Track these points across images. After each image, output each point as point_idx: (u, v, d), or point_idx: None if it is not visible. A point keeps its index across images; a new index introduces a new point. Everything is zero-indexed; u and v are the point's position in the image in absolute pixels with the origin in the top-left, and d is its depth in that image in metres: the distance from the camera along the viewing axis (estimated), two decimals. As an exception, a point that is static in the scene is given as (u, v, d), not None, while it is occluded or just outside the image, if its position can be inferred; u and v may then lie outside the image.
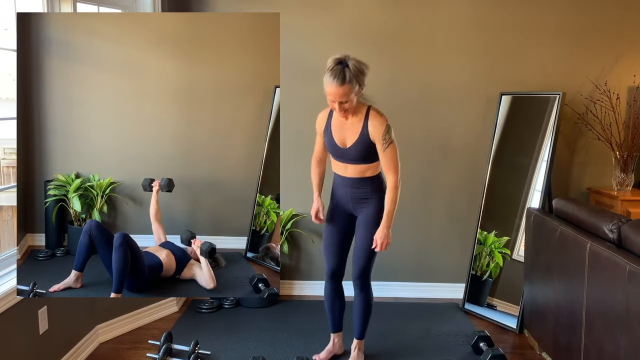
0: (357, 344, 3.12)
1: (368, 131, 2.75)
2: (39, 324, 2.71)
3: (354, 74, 2.61)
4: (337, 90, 2.62)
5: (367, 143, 2.77)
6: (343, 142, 2.83)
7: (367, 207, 2.90)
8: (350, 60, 2.63)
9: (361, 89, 2.69)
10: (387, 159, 2.77)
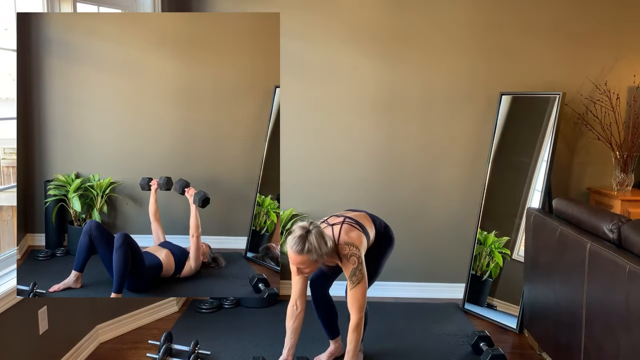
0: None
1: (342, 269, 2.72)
2: (39, 324, 2.71)
3: (313, 247, 2.52)
4: (295, 257, 2.57)
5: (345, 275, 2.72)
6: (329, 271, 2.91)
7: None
8: (313, 232, 2.54)
9: (326, 257, 2.59)
10: (353, 298, 2.65)
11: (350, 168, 4.06)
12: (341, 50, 3.97)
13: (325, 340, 3.25)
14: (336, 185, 4.07)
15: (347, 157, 4.05)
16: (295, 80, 3.99)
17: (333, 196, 4.06)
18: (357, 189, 4.04)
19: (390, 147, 4.03)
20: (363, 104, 4.01)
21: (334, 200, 4.04)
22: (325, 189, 4.08)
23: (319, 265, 2.66)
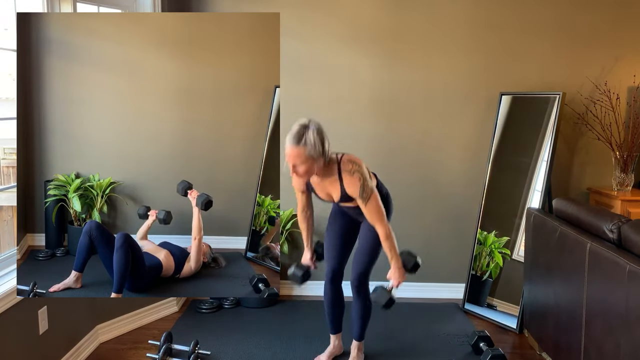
0: (357, 345, 3.11)
1: (345, 189, 2.68)
2: (39, 324, 2.71)
3: (312, 139, 2.52)
4: (291, 150, 2.54)
5: (349, 196, 2.71)
6: (330, 197, 2.79)
7: None
8: (312, 126, 2.55)
9: (322, 159, 2.59)
10: (371, 213, 2.68)
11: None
12: (341, 50, 3.97)
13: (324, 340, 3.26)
14: (336, 185, 4.06)
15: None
16: (295, 80, 3.99)
17: (333, 196, 4.06)
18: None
19: (390, 147, 4.03)
20: (363, 103, 4.01)
21: (334, 200, 4.04)
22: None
23: (314, 171, 2.60)
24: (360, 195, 2.64)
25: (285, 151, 2.57)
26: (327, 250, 3.04)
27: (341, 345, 3.22)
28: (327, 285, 3.07)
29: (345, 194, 2.69)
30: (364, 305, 3.01)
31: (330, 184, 2.72)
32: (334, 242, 3.01)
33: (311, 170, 2.60)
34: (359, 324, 3.05)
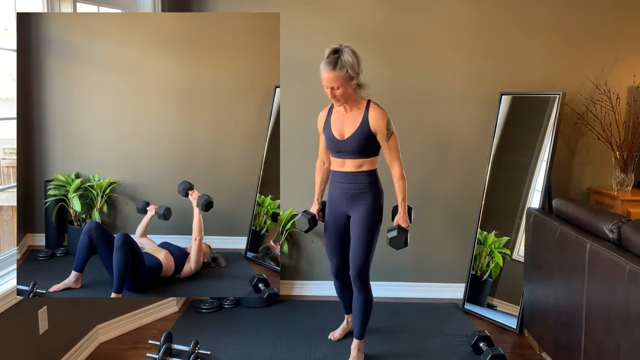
0: (357, 344, 3.13)
1: (368, 122, 2.84)
2: (39, 324, 2.71)
3: (345, 62, 2.73)
4: (328, 75, 2.76)
5: (366, 133, 2.85)
6: (342, 134, 2.91)
7: (361, 206, 2.95)
8: (344, 49, 2.76)
9: (355, 79, 2.79)
10: (391, 149, 2.90)
11: (350, 168, 4.06)
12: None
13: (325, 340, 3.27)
14: (336, 185, 4.06)
15: (347, 157, 4.05)
16: (295, 80, 3.99)
17: (333, 196, 4.06)
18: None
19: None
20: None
21: (334, 200, 4.04)
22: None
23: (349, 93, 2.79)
24: (386, 127, 2.84)
25: (321, 77, 2.79)
26: (328, 250, 3.16)
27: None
28: (334, 280, 3.23)
29: (362, 129, 2.84)
30: (365, 300, 3.04)
31: (351, 117, 2.89)
32: (331, 243, 3.12)
33: (346, 93, 2.79)
34: (359, 320, 3.08)
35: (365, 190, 2.94)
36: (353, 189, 2.95)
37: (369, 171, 2.95)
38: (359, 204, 2.95)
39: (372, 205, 2.95)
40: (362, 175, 2.93)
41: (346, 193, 2.97)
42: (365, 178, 2.93)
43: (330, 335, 3.36)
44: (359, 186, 2.94)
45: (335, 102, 2.88)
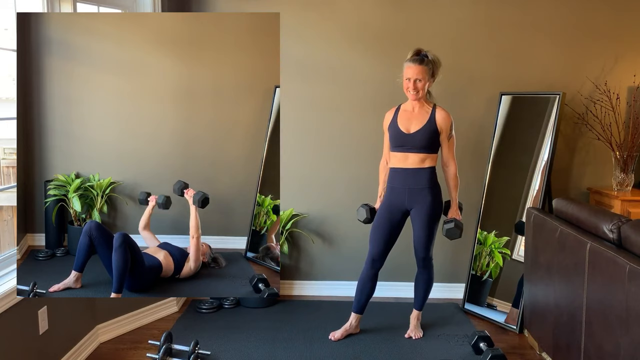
0: (417, 314, 3.46)
1: (435, 120, 3.13)
2: (39, 324, 2.71)
3: (431, 59, 3.10)
4: (416, 68, 3.07)
5: (432, 130, 3.12)
6: (408, 129, 3.14)
7: (422, 202, 3.16)
8: (428, 52, 3.12)
9: (433, 78, 3.13)
10: (451, 148, 3.20)
11: (350, 167, 4.06)
12: (341, 50, 3.97)
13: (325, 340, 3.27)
14: (336, 184, 4.06)
15: (347, 157, 4.05)
16: (295, 80, 3.99)
17: (333, 196, 4.06)
18: (357, 189, 4.04)
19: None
20: (363, 103, 4.01)
21: (334, 199, 4.04)
22: (325, 189, 4.08)
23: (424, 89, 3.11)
24: (450, 128, 3.15)
25: (405, 72, 3.11)
26: (373, 235, 3.28)
27: (358, 326, 3.42)
28: (365, 268, 3.33)
29: (429, 125, 3.11)
30: (429, 277, 3.38)
31: (419, 114, 3.16)
32: (380, 230, 3.25)
33: (425, 87, 3.11)
34: (422, 295, 3.42)
35: (427, 186, 3.14)
36: (416, 184, 3.14)
37: (430, 168, 3.15)
38: (420, 199, 3.15)
39: (434, 202, 3.16)
40: (424, 172, 3.14)
41: (409, 189, 3.16)
42: (427, 175, 3.14)
43: (331, 335, 3.36)
44: (421, 182, 3.14)
45: (413, 95, 3.11)
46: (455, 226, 3.20)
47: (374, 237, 3.27)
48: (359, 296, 3.36)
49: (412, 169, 3.14)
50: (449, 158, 3.21)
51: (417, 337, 3.40)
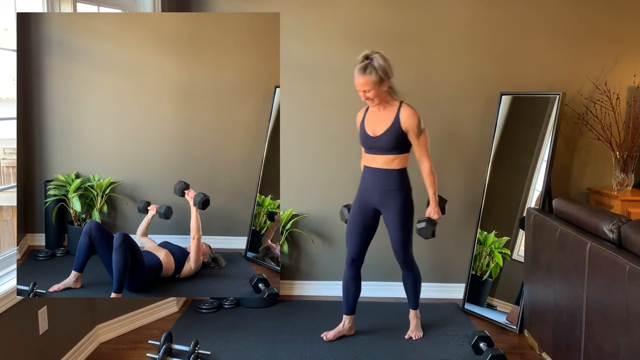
0: (414, 313, 3.42)
1: (399, 121, 3.02)
2: (39, 324, 2.71)
3: (374, 67, 2.92)
4: (359, 79, 2.96)
5: (397, 131, 3.02)
6: (374, 132, 3.07)
7: (392, 204, 3.10)
8: (374, 56, 2.94)
9: (386, 81, 2.97)
10: (421, 145, 3.07)
11: (350, 167, 4.05)
12: (341, 50, 3.97)
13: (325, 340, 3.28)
14: (336, 184, 4.06)
15: (347, 157, 4.05)
16: (295, 80, 3.99)
17: (333, 196, 4.05)
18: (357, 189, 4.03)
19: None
20: (363, 103, 4.00)
21: (334, 200, 4.04)
22: (325, 189, 4.08)
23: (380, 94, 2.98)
24: (417, 126, 3.01)
25: (355, 82, 2.98)
26: (348, 235, 3.27)
27: (352, 327, 3.40)
28: (346, 269, 3.31)
29: (394, 127, 3.01)
30: (414, 277, 3.32)
31: (385, 115, 3.06)
32: (354, 229, 3.23)
33: (379, 94, 2.98)
34: (412, 294, 3.37)
35: (396, 188, 3.09)
36: (386, 186, 3.10)
37: (399, 170, 3.10)
38: (390, 201, 3.10)
39: (404, 203, 3.11)
40: (393, 174, 3.08)
41: (379, 189, 3.11)
42: (395, 176, 3.08)
43: (323, 334, 3.35)
44: (391, 183, 3.09)
45: (369, 104, 3.06)
46: (427, 225, 3.14)
47: (349, 237, 3.25)
48: (345, 297, 3.34)
49: (381, 170, 3.09)
50: (421, 156, 3.11)
51: (417, 337, 3.39)
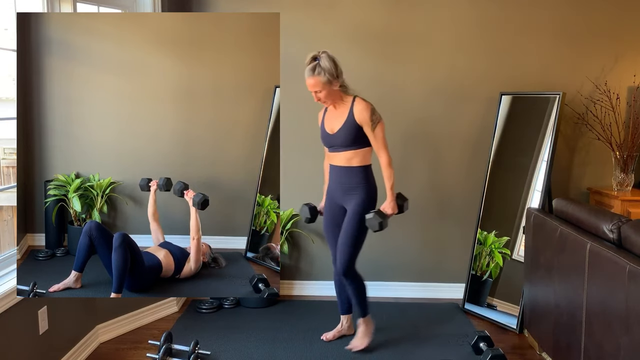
0: (363, 320, 3.25)
1: (354, 116, 2.96)
2: (39, 324, 2.71)
3: (323, 67, 2.87)
4: (309, 80, 2.92)
5: (352, 127, 2.96)
6: (332, 129, 3.04)
7: (354, 199, 3.04)
8: (321, 56, 2.90)
9: (335, 80, 2.92)
10: (377, 138, 2.99)
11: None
12: (341, 50, 3.93)
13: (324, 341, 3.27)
14: (336, 185, 4.06)
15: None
16: (295, 80, 3.98)
17: (333, 196, 4.05)
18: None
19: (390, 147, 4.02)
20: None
21: (334, 200, 4.04)
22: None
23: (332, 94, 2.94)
24: (370, 118, 2.95)
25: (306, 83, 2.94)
26: (326, 238, 3.25)
27: (351, 326, 3.38)
28: (334, 270, 3.21)
29: (348, 122, 2.95)
30: (357, 286, 3.15)
31: (340, 111, 3.02)
32: (329, 234, 3.20)
33: (330, 94, 2.95)
34: (356, 300, 3.19)
35: (357, 185, 3.03)
36: (346, 183, 3.05)
37: (360, 167, 3.02)
38: (351, 198, 3.05)
39: (363, 201, 3.02)
40: (353, 170, 3.02)
41: (342, 186, 3.07)
42: (356, 173, 3.02)
43: (323, 335, 3.35)
44: (351, 181, 3.03)
45: (323, 104, 3.04)
46: (374, 216, 2.93)
47: (327, 237, 3.23)
48: (339, 298, 3.33)
49: (342, 167, 3.05)
50: (377, 149, 3.01)
51: (360, 347, 3.18)
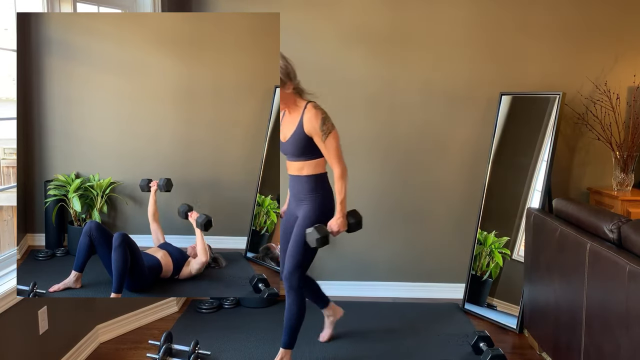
0: (281, 352, 2.89)
1: (303, 124, 2.75)
2: (39, 324, 2.71)
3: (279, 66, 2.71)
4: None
5: (301, 136, 2.75)
6: (285, 136, 2.84)
7: (303, 209, 2.85)
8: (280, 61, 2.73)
9: (289, 82, 2.72)
10: (329, 149, 2.76)
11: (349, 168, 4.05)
12: (341, 50, 3.97)
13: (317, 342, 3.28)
14: (336, 185, 4.06)
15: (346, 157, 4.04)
16: (295, 80, 3.98)
17: (333, 196, 4.05)
18: (357, 189, 4.03)
19: (389, 147, 4.03)
20: (363, 103, 4.01)
21: (334, 200, 4.04)
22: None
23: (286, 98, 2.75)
24: (320, 128, 2.71)
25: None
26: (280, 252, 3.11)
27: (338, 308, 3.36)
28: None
29: (297, 131, 2.75)
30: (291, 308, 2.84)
31: (292, 117, 2.81)
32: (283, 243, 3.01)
33: (282, 97, 2.75)
34: (285, 328, 2.88)
35: (306, 195, 2.84)
36: (297, 193, 2.87)
37: (311, 176, 2.82)
38: (302, 206, 2.86)
39: (312, 212, 2.82)
40: (304, 180, 2.83)
41: (294, 196, 2.91)
42: (306, 183, 2.83)
43: (320, 337, 3.34)
44: (301, 190, 2.85)
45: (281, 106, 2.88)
46: (312, 231, 2.72)
47: (280, 245, 3.05)
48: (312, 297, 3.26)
49: (294, 177, 2.86)
50: (330, 160, 2.77)
51: None
